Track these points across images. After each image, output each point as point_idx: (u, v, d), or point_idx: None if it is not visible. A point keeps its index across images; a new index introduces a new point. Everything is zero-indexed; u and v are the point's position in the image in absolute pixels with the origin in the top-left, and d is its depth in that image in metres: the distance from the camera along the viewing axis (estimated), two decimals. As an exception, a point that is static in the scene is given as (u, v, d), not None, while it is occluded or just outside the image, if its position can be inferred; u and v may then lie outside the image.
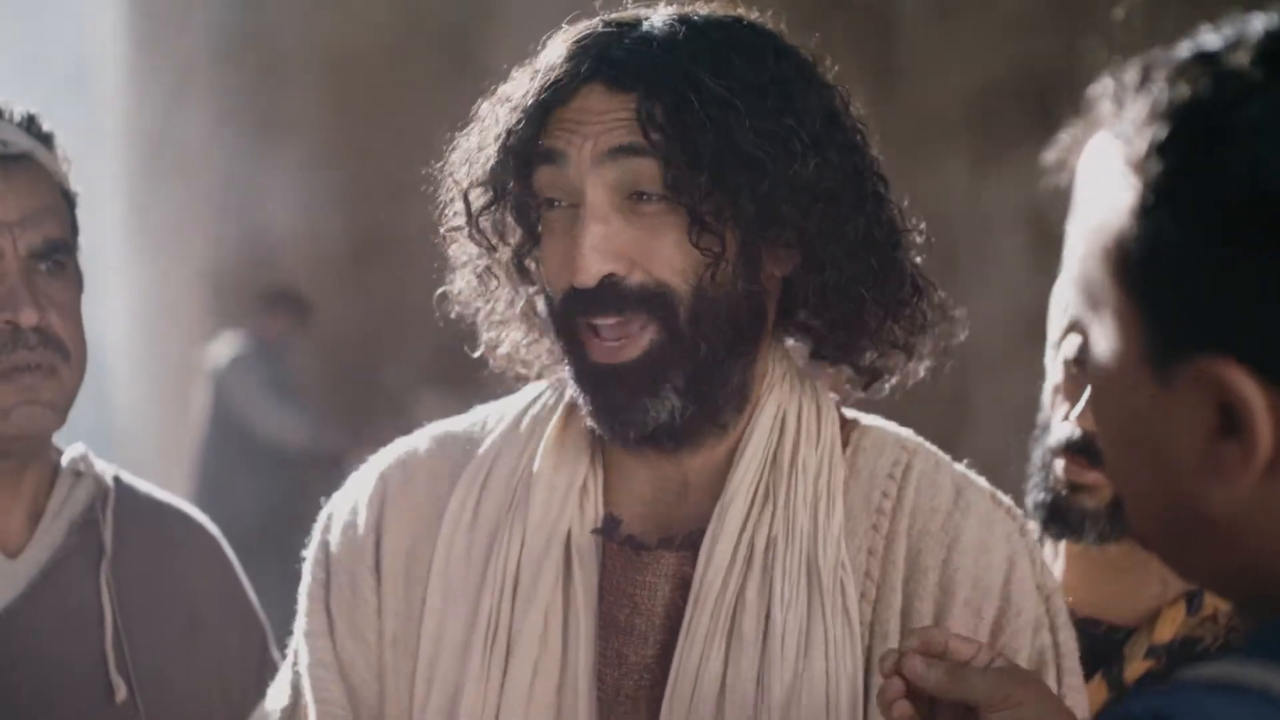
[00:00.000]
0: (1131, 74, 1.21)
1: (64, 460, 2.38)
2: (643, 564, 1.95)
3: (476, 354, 2.07)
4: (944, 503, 1.96)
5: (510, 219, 1.95)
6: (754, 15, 1.97)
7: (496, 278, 2.01)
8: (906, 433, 2.01)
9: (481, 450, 2.04)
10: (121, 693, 2.28)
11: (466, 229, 1.98)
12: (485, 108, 1.98)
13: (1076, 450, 2.31)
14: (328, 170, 7.59)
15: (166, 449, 8.16)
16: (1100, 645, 2.32)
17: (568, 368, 1.92)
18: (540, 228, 1.92)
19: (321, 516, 2.10)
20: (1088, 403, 1.26)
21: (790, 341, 2.02)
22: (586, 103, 1.89)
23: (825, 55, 1.99)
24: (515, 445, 2.04)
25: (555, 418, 2.01)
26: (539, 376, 2.06)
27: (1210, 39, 1.19)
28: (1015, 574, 1.93)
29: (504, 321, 2.05)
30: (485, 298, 2.04)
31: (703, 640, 1.91)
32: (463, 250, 2.01)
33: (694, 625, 1.92)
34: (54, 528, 2.33)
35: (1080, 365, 2.41)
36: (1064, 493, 2.29)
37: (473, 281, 2.03)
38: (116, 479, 2.41)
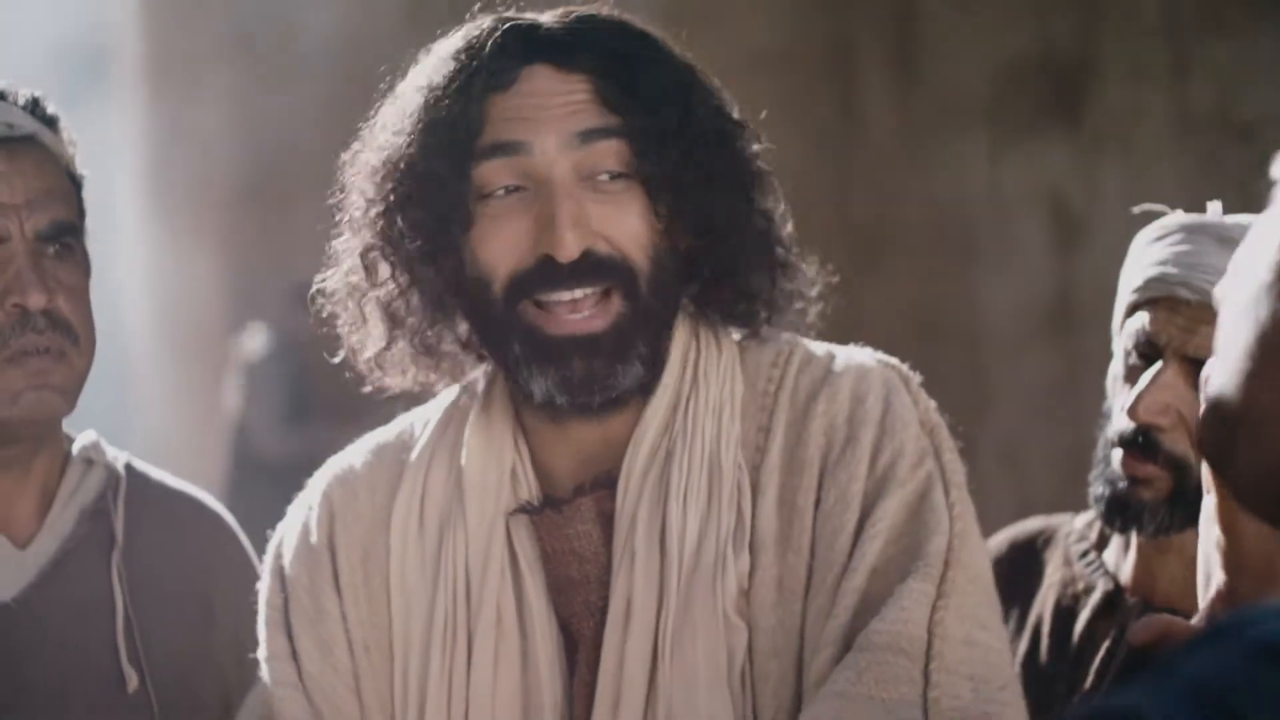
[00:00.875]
0: None
1: (75, 448, 2.37)
2: (567, 517, 1.98)
3: (336, 359, 2.08)
4: (821, 369, 2.03)
5: (428, 208, 1.95)
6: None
7: (393, 266, 2.00)
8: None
9: (413, 457, 2.08)
10: (133, 682, 2.27)
11: (377, 219, 1.97)
12: (401, 88, 1.99)
13: (1133, 444, 2.31)
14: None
15: (187, 435, 8.17)
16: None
17: (515, 348, 1.94)
18: (477, 217, 1.93)
19: (271, 547, 2.10)
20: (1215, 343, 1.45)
21: None
22: (534, 87, 1.93)
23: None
24: (445, 447, 2.07)
25: (473, 414, 2.05)
26: (413, 380, 2.08)
27: None
28: (892, 408, 1.97)
29: (371, 320, 2.04)
30: (368, 290, 2.03)
31: (628, 566, 1.96)
32: (350, 242, 2.01)
33: (621, 553, 1.96)
34: (64, 516, 2.32)
35: (1141, 355, 2.42)
36: (1121, 485, 2.30)
37: (354, 276, 2.03)
38: (128, 466, 2.39)
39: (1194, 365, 2.21)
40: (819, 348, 2.08)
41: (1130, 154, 5.26)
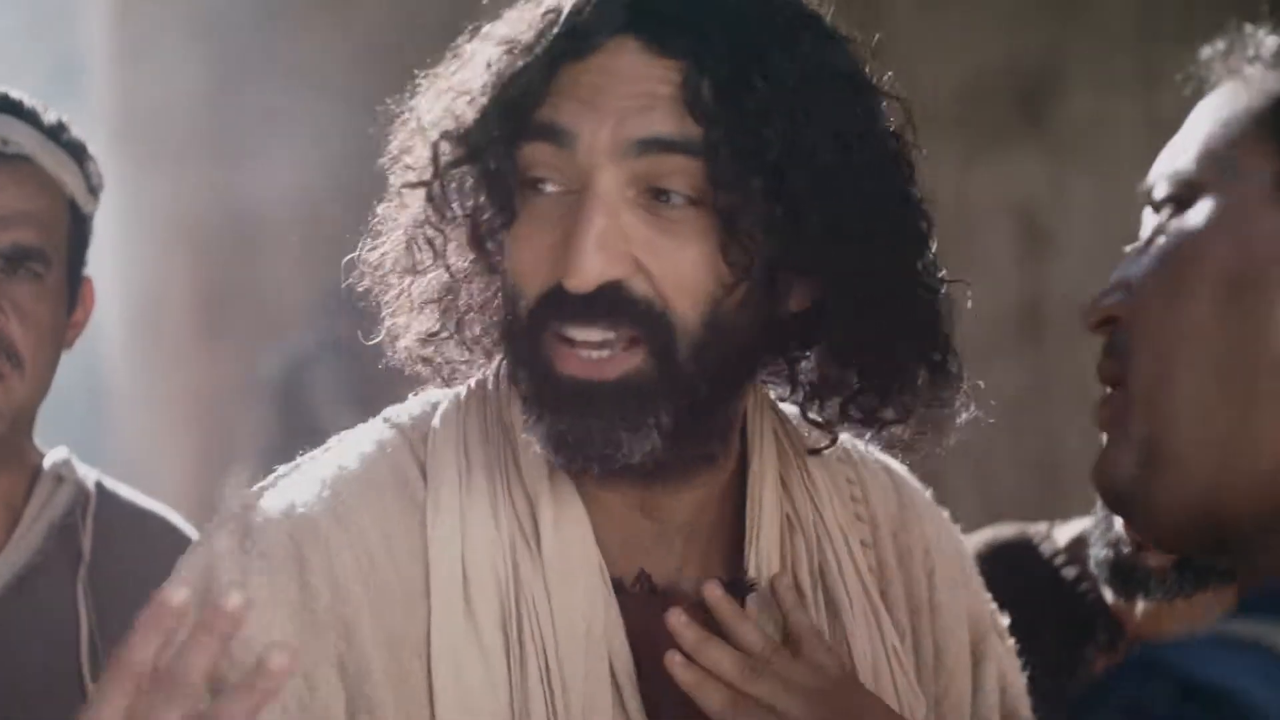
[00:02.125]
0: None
1: (46, 464, 2.36)
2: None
3: (372, 341, 1.72)
4: (888, 485, 1.78)
5: (480, 187, 1.59)
6: None
7: (435, 252, 1.64)
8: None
9: (440, 512, 1.59)
10: None
11: (428, 187, 1.61)
12: (473, 45, 1.61)
13: None
14: (328, 160, 7.59)
15: (162, 446, 8.14)
16: None
17: (522, 384, 1.57)
18: (518, 209, 1.57)
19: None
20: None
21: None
22: (614, 63, 1.53)
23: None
24: (480, 504, 1.60)
25: (529, 454, 1.58)
26: (444, 380, 1.69)
27: None
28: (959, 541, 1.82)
29: (418, 307, 1.67)
30: (409, 273, 1.66)
31: None
32: (398, 211, 1.65)
33: None
34: (32, 532, 2.30)
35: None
36: (1125, 550, 2.22)
37: (398, 251, 1.66)
38: (99, 485, 2.38)
39: None
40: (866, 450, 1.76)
41: (1099, 163, 5.27)
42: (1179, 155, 1.27)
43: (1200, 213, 1.23)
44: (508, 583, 1.57)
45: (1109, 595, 2.30)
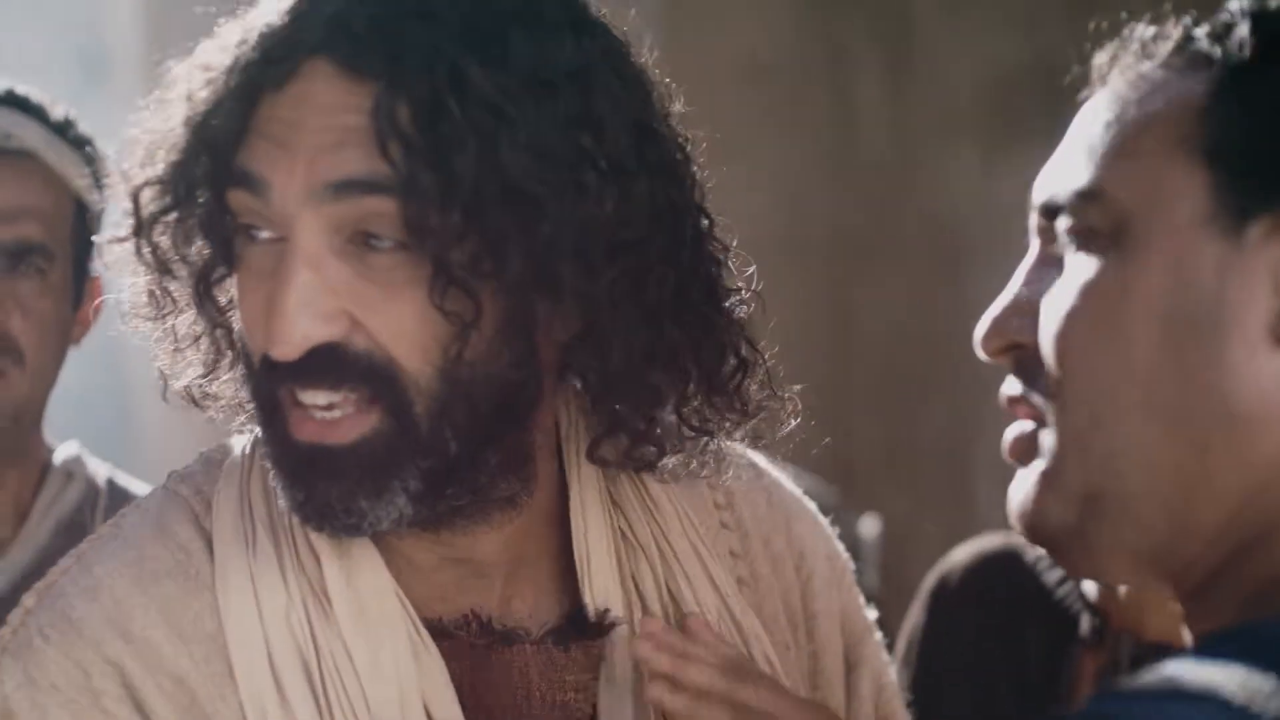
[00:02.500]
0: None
1: (56, 460, 2.36)
2: (573, 657, 1.52)
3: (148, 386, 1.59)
4: (757, 488, 1.68)
5: (195, 233, 1.45)
6: None
7: (173, 301, 1.50)
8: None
9: (229, 587, 1.46)
10: None
11: (133, 243, 1.47)
12: (180, 71, 1.45)
13: None
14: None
15: (188, 444, 8.16)
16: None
17: (264, 446, 1.45)
18: (237, 257, 1.42)
19: None
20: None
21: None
22: (308, 91, 1.37)
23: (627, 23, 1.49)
24: (269, 570, 1.47)
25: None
26: (235, 420, 1.55)
27: None
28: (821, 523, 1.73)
29: (181, 349, 1.53)
30: (158, 319, 1.52)
31: None
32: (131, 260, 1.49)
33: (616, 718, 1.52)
34: (40, 528, 2.31)
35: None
36: None
37: (142, 298, 1.51)
38: (110, 481, 2.39)
39: None
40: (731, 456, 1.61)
41: (1122, 162, 5.26)
42: (1083, 166, 1.21)
43: (1129, 246, 1.17)
44: (309, 649, 1.45)
45: (1092, 590, 2.32)
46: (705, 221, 1.48)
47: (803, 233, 4.80)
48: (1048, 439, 1.21)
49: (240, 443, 1.56)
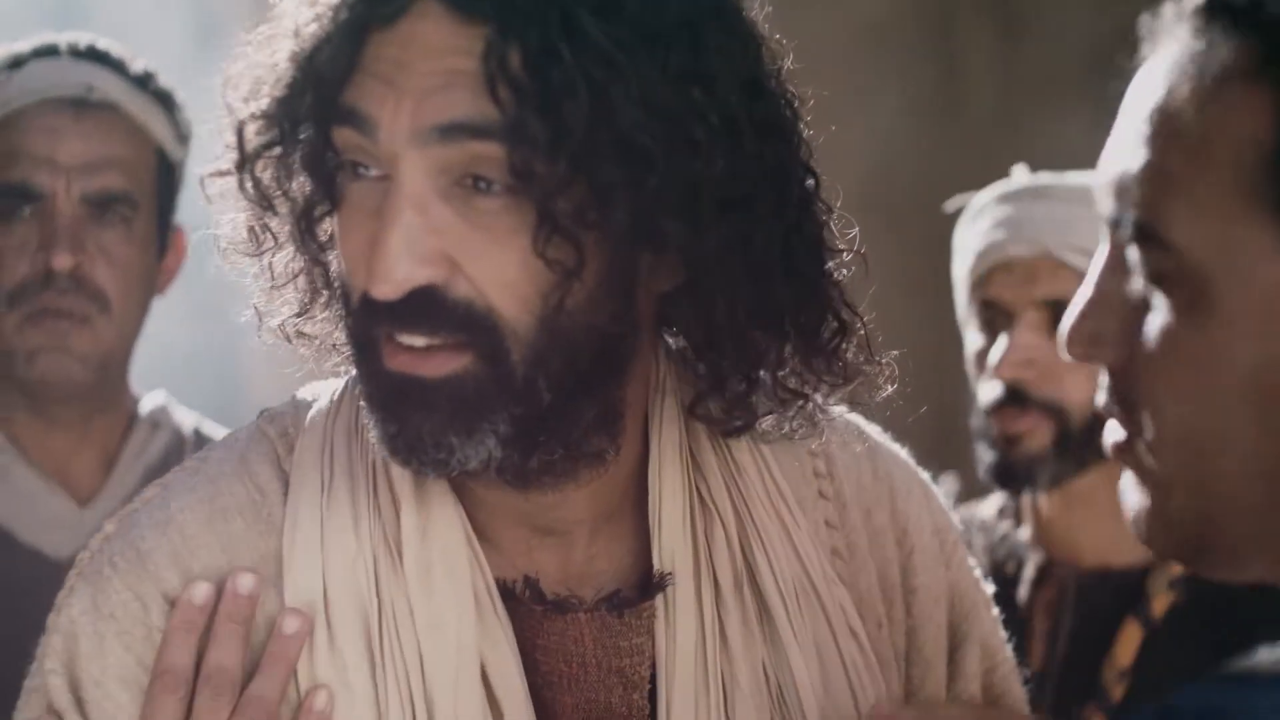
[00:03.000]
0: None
1: (143, 410, 2.40)
2: (628, 623, 1.52)
3: (242, 319, 1.59)
4: (863, 459, 1.66)
5: (298, 169, 1.44)
6: None
7: (273, 237, 1.50)
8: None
9: (297, 532, 1.47)
10: None
11: (237, 176, 1.46)
12: (288, 5, 1.44)
13: (1005, 403, 2.35)
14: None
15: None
16: (1120, 591, 2.33)
17: (360, 382, 1.45)
18: (340, 193, 1.42)
19: (50, 676, 1.49)
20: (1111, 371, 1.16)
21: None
22: (417, 31, 1.35)
23: None
24: (341, 516, 1.47)
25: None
26: (329, 361, 1.56)
27: None
28: (931, 495, 1.71)
29: (280, 285, 1.53)
30: (257, 256, 1.52)
31: (694, 704, 1.50)
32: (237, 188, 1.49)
33: (675, 690, 1.51)
34: (127, 477, 2.36)
35: (990, 326, 2.44)
36: (1004, 446, 2.32)
37: (239, 233, 1.52)
38: (196, 431, 2.44)
39: (1047, 311, 2.25)
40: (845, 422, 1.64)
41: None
42: (1141, 182, 1.12)
43: (1212, 310, 1.09)
44: (370, 599, 1.45)
45: (1027, 532, 2.37)
46: (811, 181, 1.46)
47: (908, 195, 4.78)
48: (1147, 460, 1.17)
49: (331, 386, 1.56)
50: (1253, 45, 1.07)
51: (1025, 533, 2.45)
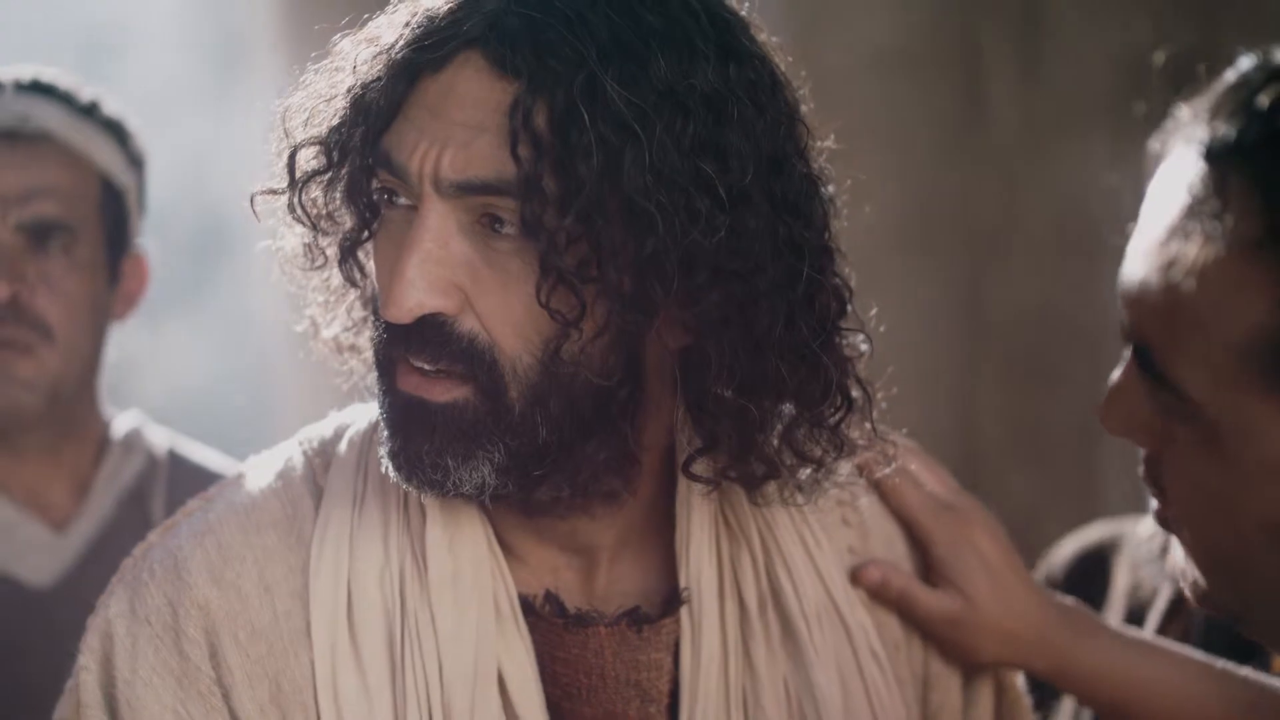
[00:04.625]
0: (1228, 125, 1.07)
1: (115, 433, 2.39)
2: (646, 639, 1.58)
3: (299, 328, 1.69)
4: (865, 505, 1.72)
5: (344, 197, 1.53)
6: None
7: (325, 257, 1.60)
8: None
9: (325, 544, 1.55)
10: None
11: (287, 198, 1.56)
12: (346, 45, 1.54)
13: None
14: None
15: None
16: (1246, 640, 2.31)
17: (377, 401, 1.53)
18: (380, 219, 1.51)
19: (87, 666, 1.58)
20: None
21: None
22: (456, 80, 1.43)
23: (789, 61, 1.53)
24: (371, 528, 1.55)
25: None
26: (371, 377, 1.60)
27: None
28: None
29: (335, 300, 1.65)
30: (312, 271, 1.63)
31: (714, 717, 1.57)
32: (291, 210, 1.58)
33: (698, 705, 1.57)
34: (103, 501, 2.37)
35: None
36: None
37: (299, 250, 1.62)
38: (171, 451, 2.44)
39: None
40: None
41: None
42: (1149, 321, 1.11)
43: (1228, 460, 1.09)
44: (394, 610, 1.53)
45: (1170, 565, 2.34)
46: (829, 259, 1.51)
47: (932, 222, 4.78)
48: (1184, 536, 1.18)
49: (369, 409, 1.63)
50: (1260, 214, 1.06)
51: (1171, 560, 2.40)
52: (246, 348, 2.43)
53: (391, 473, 1.49)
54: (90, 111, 2.40)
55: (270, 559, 1.55)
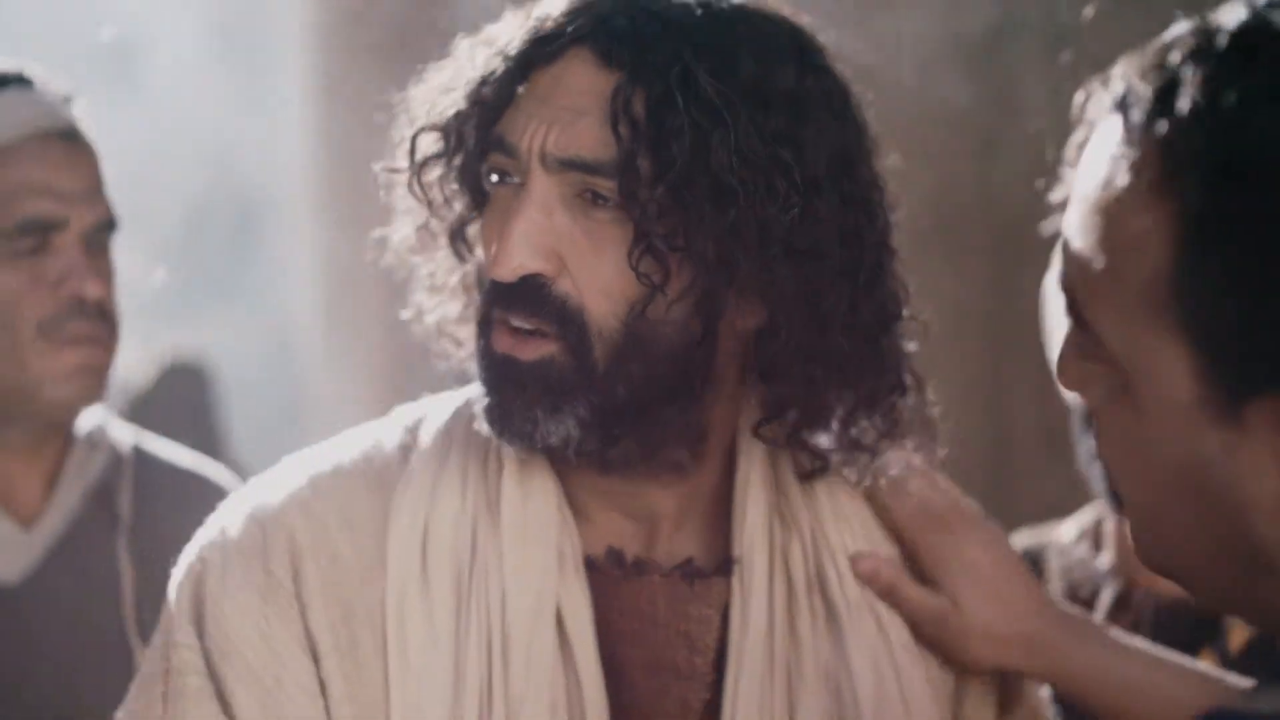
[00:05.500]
0: (1139, 78, 1.11)
1: (81, 430, 2.41)
2: (698, 592, 1.71)
3: (405, 315, 1.83)
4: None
5: (456, 180, 1.70)
6: (802, 18, 1.69)
7: (436, 239, 1.76)
8: None
9: (407, 484, 1.70)
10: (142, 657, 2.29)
11: (406, 178, 1.72)
12: (464, 45, 1.72)
13: None
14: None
15: (355, 418, 8.26)
16: (1198, 623, 2.31)
17: (476, 362, 1.68)
18: (487, 198, 1.68)
19: (180, 586, 1.71)
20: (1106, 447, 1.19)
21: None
22: (566, 71, 1.61)
23: (866, 93, 1.70)
24: (453, 472, 1.70)
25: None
26: (469, 361, 1.75)
27: (1225, 30, 1.09)
28: None
29: (439, 288, 1.79)
30: (424, 256, 1.78)
31: (759, 682, 1.69)
32: (405, 198, 1.75)
33: (744, 664, 1.69)
34: (69, 497, 2.37)
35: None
36: None
37: (411, 236, 1.78)
38: (135, 447, 2.45)
39: None
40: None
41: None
42: (1072, 271, 1.15)
43: (1138, 406, 1.12)
44: (465, 549, 1.67)
45: (1108, 560, 2.35)
46: (888, 255, 1.67)
47: (961, 215, 4.78)
48: (1125, 500, 1.21)
49: (464, 392, 1.77)
50: (1159, 156, 1.09)
51: (1105, 559, 2.42)
52: (276, 336, 2.45)
53: (485, 427, 1.64)
54: (70, 104, 2.41)
55: (355, 498, 1.69)
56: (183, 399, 5.62)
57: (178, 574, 1.72)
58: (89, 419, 2.43)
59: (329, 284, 9.10)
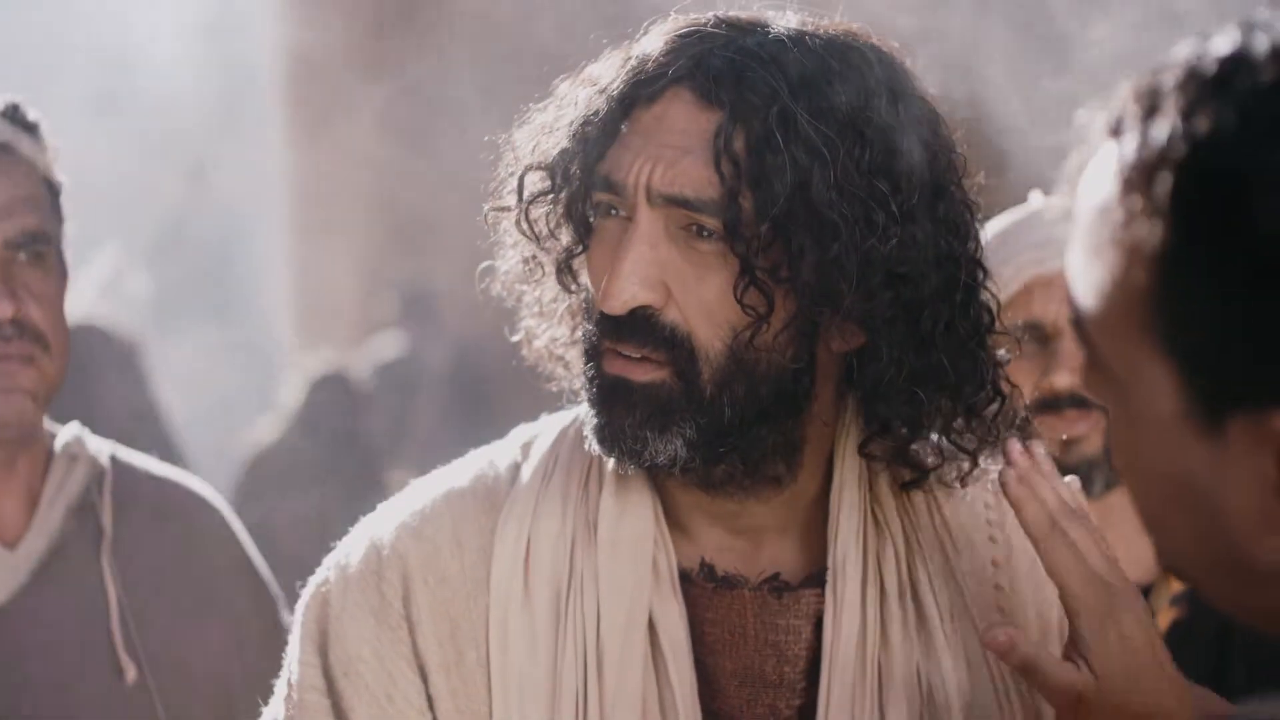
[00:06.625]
0: (1133, 102, 1.14)
1: (58, 444, 2.38)
2: (786, 604, 1.78)
3: (514, 338, 1.90)
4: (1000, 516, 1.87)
5: (563, 215, 1.76)
6: (890, 45, 1.75)
7: (543, 269, 1.83)
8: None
9: (512, 506, 1.80)
10: (131, 673, 2.27)
11: (514, 214, 1.80)
12: (565, 86, 1.79)
13: (1066, 405, 2.37)
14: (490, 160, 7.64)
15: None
16: (1189, 645, 2.32)
17: (584, 387, 1.75)
18: (592, 232, 1.74)
19: (306, 608, 1.82)
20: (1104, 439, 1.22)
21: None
22: (668, 110, 1.69)
23: (952, 116, 1.77)
24: (555, 494, 1.79)
25: (610, 464, 1.76)
26: (575, 385, 1.84)
27: (1210, 58, 1.12)
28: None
29: (547, 314, 1.86)
30: (531, 285, 1.85)
31: (851, 688, 1.75)
32: (511, 232, 1.83)
33: (836, 671, 1.75)
34: (51, 514, 2.33)
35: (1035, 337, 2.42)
36: (1061, 452, 2.33)
37: (519, 266, 1.84)
38: (113, 459, 2.41)
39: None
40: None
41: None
42: (1084, 276, 1.17)
43: (1130, 418, 1.16)
44: (564, 569, 1.75)
45: None
46: (981, 274, 1.74)
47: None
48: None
49: (570, 413, 1.86)
50: (1141, 179, 1.12)
51: None
52: (257, 357, 2.45)
53: (595, 446, 1.72)
54: (15, 116, 2.35)
55: (465, 519, 1.78)
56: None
57: (305, 595, 1.81)
58: (65, 433, 2.39)
59: (307, 299, 9.10)
